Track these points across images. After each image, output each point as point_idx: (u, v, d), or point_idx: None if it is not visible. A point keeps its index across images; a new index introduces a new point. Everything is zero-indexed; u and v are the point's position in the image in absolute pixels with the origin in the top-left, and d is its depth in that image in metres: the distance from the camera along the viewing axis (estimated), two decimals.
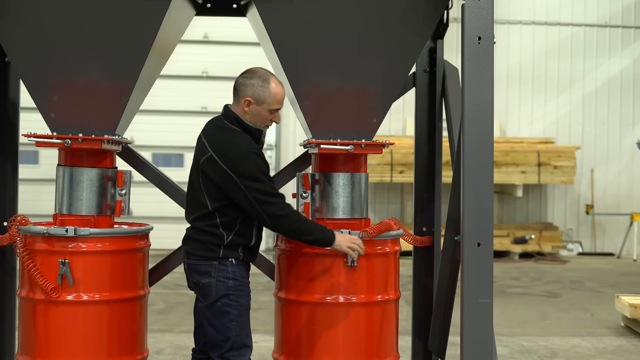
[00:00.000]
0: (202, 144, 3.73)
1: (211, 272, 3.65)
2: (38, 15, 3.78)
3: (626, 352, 6.70)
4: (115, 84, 3.87)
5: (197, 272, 3.68)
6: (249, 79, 3.73)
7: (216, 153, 3.62)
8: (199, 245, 3.68)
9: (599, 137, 14.97)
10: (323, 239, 3.70)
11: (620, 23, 15.06)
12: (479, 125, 3.59)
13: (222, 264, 3.66)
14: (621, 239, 14.54)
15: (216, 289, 3.64)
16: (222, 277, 3.65)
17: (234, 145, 3.64)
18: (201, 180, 3.67)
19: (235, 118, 3.73)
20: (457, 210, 3.84)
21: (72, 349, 3.81)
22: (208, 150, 3.66)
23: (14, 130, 4.51)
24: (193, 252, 3.70)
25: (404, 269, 4.82)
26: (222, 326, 3.64)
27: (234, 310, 3.66)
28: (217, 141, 3.66)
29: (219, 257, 3.65)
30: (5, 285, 4.50)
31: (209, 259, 3.66)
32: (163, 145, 13.61)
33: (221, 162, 3.60)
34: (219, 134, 3.71)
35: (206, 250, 3.66)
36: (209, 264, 3.65)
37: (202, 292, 3.68)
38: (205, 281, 3.65)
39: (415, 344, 4.78)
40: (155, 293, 8.34)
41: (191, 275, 3.73)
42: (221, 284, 3.64)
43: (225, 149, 3.63)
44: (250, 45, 12.60)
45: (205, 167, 3.64)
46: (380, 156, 12.94)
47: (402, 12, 3.88)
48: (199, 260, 3.68)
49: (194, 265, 3.70)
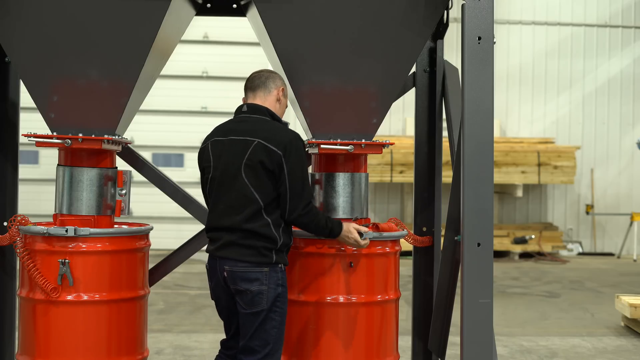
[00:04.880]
0: (233, 142, 3.64)
1: (262, 279, 3.54)
2: (38, 15, 3.79)
3: (626, 352, 6.70)
4: (115, 84, 3.87)
5: (245, 279, 3.54)
6: (271, 72, 3.84)
7: (265, 139, 3.57)
8: (249, 250, 3.54)
9: (599, 137, 14.97)
10: (330, 235, 3.73)
11: (620, 23, 15.06)
12: (479, 125, 3.59)
13: (273, 270, 3.58)
14: (621, 239, 14.54)
15: (267, 297, 3.55)
16: (273, 284, 3.57)
17: (281, 129, 3.66)
18: (245, 176, 3.56)
19: (268, 111, 3.73)
20: (457, 210, 3.84)
21: (72, 349, 3.81)
22: (251, 140, 3.58)
23: (14, 130, 4.51)
24: (240, 257, 3.55)
25: (404, 269, 4.83)
26: (264, 332, 3.57)
27: (278, 317, 3.60)
28: (259, 130, 3.61)
29: (271, 263, 3.56)
30: (5, 285, 4.50)
31: (260, 265, 3.54)
32: (163, 145, 13.61)
33: (273, 147, 3.55)
34: (256, 125, 3.65)
35: (258, 256, 3.54)
36: (260, 271, 3.54)
37: (248, 299, 3.55)
38: (256, 289, 3.53)
39: (415, 344, 4.78)
40: (155, 293, 8.34)
41: (234, 282, 3.56)
42: (272, 292, 3.56)
43: (273, 134, 3.60)
44: (250, 45, 12.59)
45: (254, 157, 3.55)
46: (380, 156, 12.94)
47: (402, 12, 3.88)
48: (248, 267, 3.54)
49: (241, 271, 3.54)
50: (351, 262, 3.89)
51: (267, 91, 3.77)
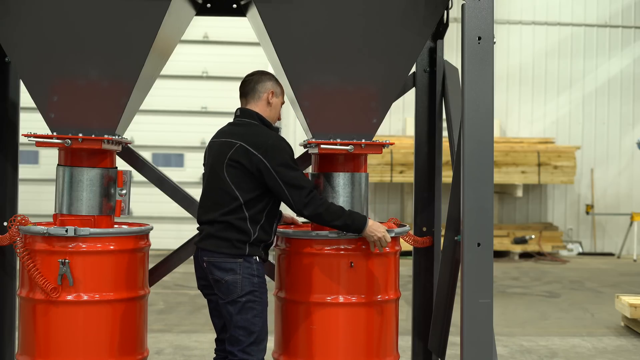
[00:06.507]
0: (222, 143, 3.82)
1: (236, 269, 3.70)
2: (38, 15, 3.78)
3: (626, 352, 6.70)
4: (115, 84, 3.87)
5: (221, 269, 3.71)
6: (261, 75, 3.93)
7: (246, 142, 3.74)
8: (224, 242, 3.72)
9: (599, 137, 14.97)
10: (352, 225, 3.78)
11: (620, 23, 15.06)
12: (479, 125, 3.59)
13: (247, 261, 3.72)
14: (621, 239, 14.54)
15: (242, 286, 3.70)
16: (247, 274, 3.71)
17: (263, 133, 3.80)
18: (227, 175, 3.73)
19: (257, 115, 3.88)
20: (457, 210, 3.84)
21: (72, 349, 3.81)
22: (234, 142, 3.76)
23: (14, 130, 4.52)
24: (216, 249, 3.72)
25: (404, 269, 4.82)
26: (246, 322, 3.70)
27: (259, 307, 3.74)
28: (244, 134, 3.79)
29: (244, 255, 3.71)
30: (5, 285, 4.50)
31: (234, 256, 3.71)
32: (163, 145, 13.60)
33: (253, 149, 3.71)
34: (244, 129, 3.83)
35: (232, 248, 3.71)
36: (234, 261, 3.70)
37: (224, 288, 3.71)
38: (230, 278, 3.70)
39: (415, 344, 4.78)
40: (155, 293, 8.34)
41: (211, 272, 3.74)
42: (247, 281, 3.71)
43: (255, 138, 3.76)
44: (250, 45, 12.59)
45: (235, 158, 3.72)
46: (380, 156, 12.94)
47: (402, 12, 3.88)
48: (223, 258, 3.71)
49: (217, 262, 3.72)
50: (352, 262, 3.89)
51: (256, 96, 3.91)
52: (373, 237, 3.83)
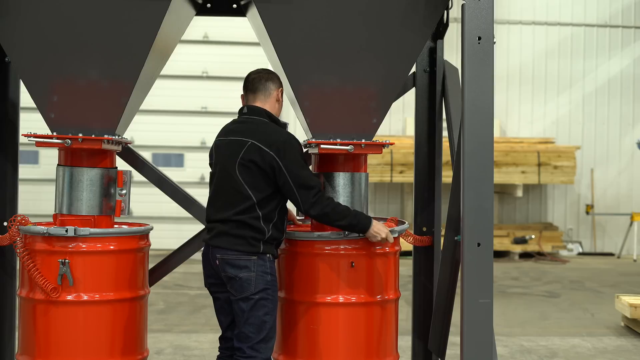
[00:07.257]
0: (231, 142, 3.80)
1: (250, 267, 3.70)
2: (38, 15, 3.78)
3: (626, 352, 6.70)
4: (115, 84, 3.87)
5: (234, 266, 3.70)
6: (270, 73, 3.93)
7: (258, 140, 3.72)
8: (239, 240, 3.71)
9: (599, 137, 14.97)
10: (357, 225, 3.79)
11: (620, 23, 15.06)
12: (479, 125, 3.59)
13: (261, 259, 3.73)
14: (621, 239, 14.54)
15: (255, 283, 3.69)
16: (261, 271, 3.71)
17: (275, 131, 3.79)
18: (239, 174, 3.72)
19: (266, 112, 3.86)
20: (457, 210, 3.84)
21: (72, 349, 3.81)
22: (245, 141, 3.74)
23: (14, 130, 4.51)
24: (230, 246, 3.72)
25: (404, 269, 4.82)
26: (257, 319, 3.70)
27: (270, 304, 3.74)
28: (255, 132, 3.77)
29: (259, 252, 3.72)
30: (5, 285, 4.50)
31: (249, 254, 3.71)
32: (163, 145, 13.60)
33: (266, 147, 3.70)
34: (253, 126, 3.80)
35: (246, 245, 3.70)
36: (248, 259, 3.70)
37: (237, 285, 3.71)
38: (244, 275, 3.69)
39: (415, 344, 4.78)
40: (155, 293, 8.33)
41: (224, 269, 3.73)
42: (261, 278, 3.71)
43: (267, 136, 3.74)
44: (250, 45, 12.57)
45: (248, 157, 3.71)
46: (380, 156, 12.94)
47: (402, 12, 3.88)
48: (238, 255, 3.71)
49: (231, 259, 3.71)
50: (352, 262, 3.89)
51: (267, 94, 3.88)
52: (377, 238, 3.83)
